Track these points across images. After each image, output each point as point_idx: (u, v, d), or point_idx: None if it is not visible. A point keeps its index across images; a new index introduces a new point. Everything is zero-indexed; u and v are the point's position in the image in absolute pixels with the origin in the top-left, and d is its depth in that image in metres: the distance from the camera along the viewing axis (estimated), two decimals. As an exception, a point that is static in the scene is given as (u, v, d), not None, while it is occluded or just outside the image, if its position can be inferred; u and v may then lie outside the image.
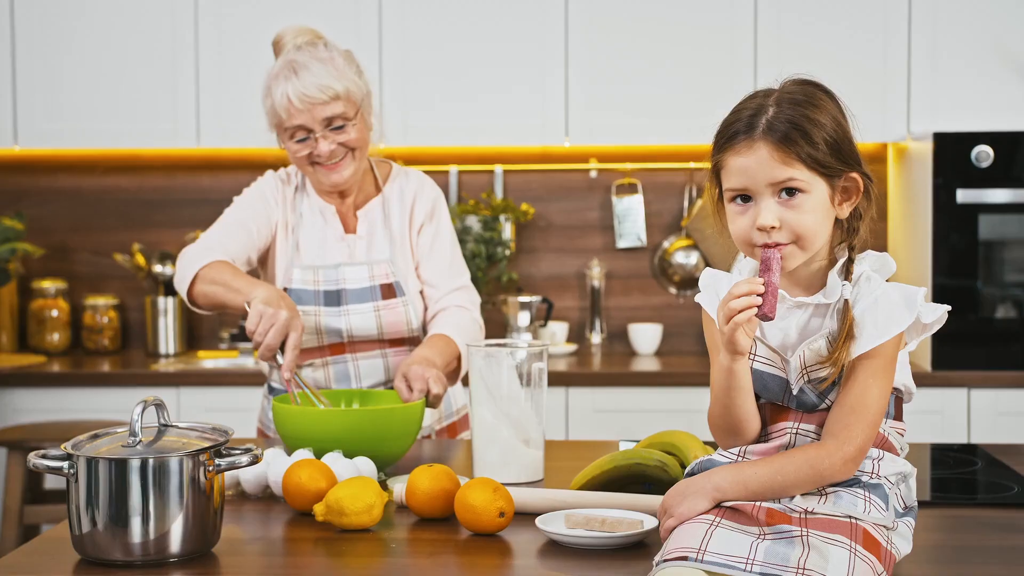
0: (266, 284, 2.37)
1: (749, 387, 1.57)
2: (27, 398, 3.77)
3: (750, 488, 1.51)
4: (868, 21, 3.85)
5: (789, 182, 1.51)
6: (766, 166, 1.51)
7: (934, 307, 1.55)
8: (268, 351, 2.24)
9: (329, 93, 2.36)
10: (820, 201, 1.52)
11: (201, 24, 3.95)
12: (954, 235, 3.65)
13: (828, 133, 1.52)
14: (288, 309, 2.26)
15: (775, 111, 1.52)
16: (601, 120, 3.92)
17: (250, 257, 2.48)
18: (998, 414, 3.63)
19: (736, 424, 1.59)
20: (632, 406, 3.70)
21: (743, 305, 1.48)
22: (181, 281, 2.42)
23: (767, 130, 1.51)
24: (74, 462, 1.58)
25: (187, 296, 2.41)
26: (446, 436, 2.59)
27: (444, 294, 2.53)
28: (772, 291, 1.48)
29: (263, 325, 2.23)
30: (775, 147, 1.51)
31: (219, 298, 2.36)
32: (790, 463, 1.51)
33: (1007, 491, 1.93)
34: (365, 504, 1.72)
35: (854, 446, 1.50)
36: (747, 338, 1.50)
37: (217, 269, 2.38)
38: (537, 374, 2.01)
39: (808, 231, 1.52)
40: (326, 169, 2.44)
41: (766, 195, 1.52)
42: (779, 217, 1.51)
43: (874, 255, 1.60)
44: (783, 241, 1.52)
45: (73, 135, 4.00)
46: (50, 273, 4.34)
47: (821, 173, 1.52)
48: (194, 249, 2.44)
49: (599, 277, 4.22)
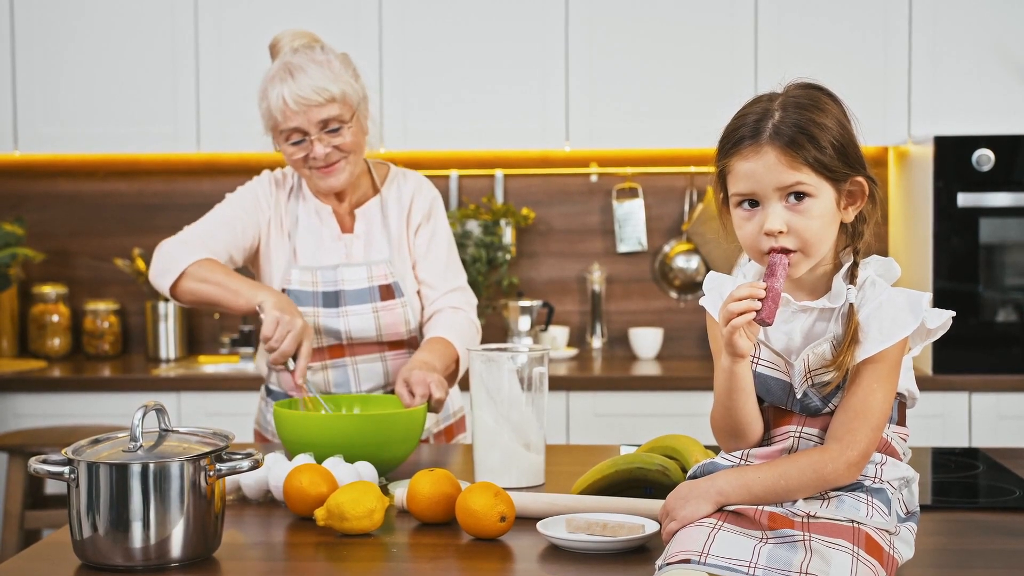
0: (268, 287, 2.37)
1: (750, 389, 1.56)
2: (28, 403, 3.77)
3: (753, 492, 1.50)
4: (869, 24, 3.85)
5: (797, 186, 1.51)
6: (773, 170, 1.51)
7: (939, 312, 1.54)
8: (282, 357, 2.26)
9: (325, 95, 2.36)
10: (827, 205, 1.52)
11: (201, 28, 3.95)
12: (955, 239, 3.65)
13: (834, 137, 1.52)
14: (299, 315, 2.28)
15: (781, 115, 1.52)
16: (601, 124, 3.92)
17: (232, 256, 2.48)
18: (999, 418, 3.63)
19: (737, 426, 1.59)
20: (633, 410, 3.70)
21: (742, 308, 1.48)
22: (163, 274, 2.41)
23: (774, 134, 1.51)
24: (75, 467, 1.57)
25: (169, 291, 2.41)
26: (443, 439, 2.59)
27: (440, 295, 2.53)
28: (773, 296, 1.48)
29: (280, 332, 2.25)
30: (782, 151, 1.50)
31: (210, 296, 2.37)
32: (794, 467, 1.51)
33: (1008, 495, 1.93)
34: (366, 509, 1.71)
35: (858, 450, 1.50)
36: (747, 341, 1.50)
37: (207, 267, 2.38)
38: (538, 378, 2.01)
39: (815, 236, 1.52)
40: (321, 172, 2.44)
41: (773, 199, 1.52)
42: (786, 222, 1.51)
43: (879, 259, 1.59)
44: (790, 246, 1.51)
45: (73, 140, 4.00)
46: (50, 278, 4.34)
47: (827, 177, 1.52)
48: (174, 244, 2.43)
49: (600, 281, 4.21)
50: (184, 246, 2.42)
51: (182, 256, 2.40)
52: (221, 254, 2.44)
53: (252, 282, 2.37)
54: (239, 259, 2.50)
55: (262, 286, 2.37)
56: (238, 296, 2.34)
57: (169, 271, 2.40)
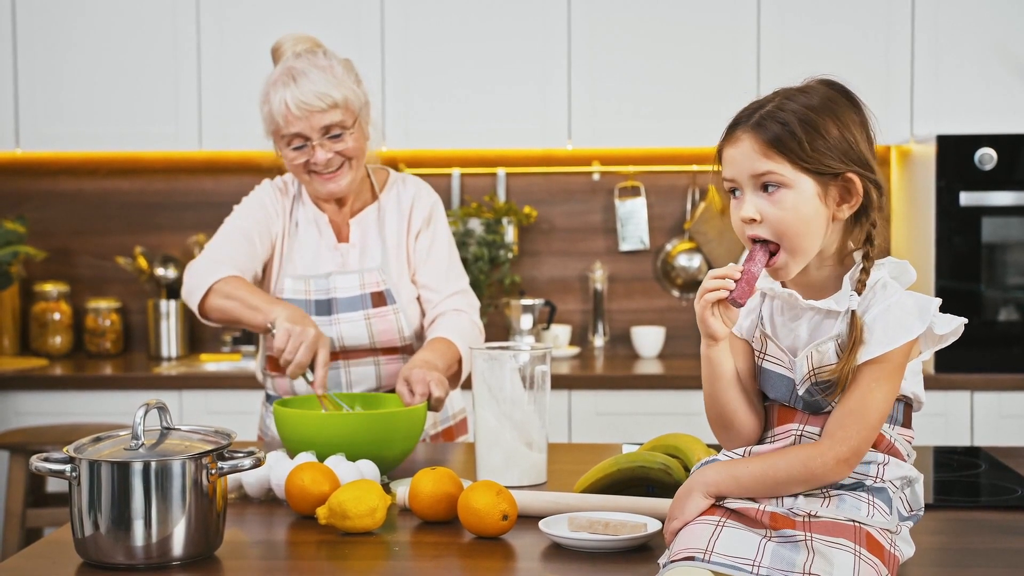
0: (284, 303, 2.36)
1: (731, 377, 1.58)
2: (29, 401, 3.77)
3: (741, 483, 1.51)
4: (871, 23, 3.85)
5: (768, 176, 1.51)
6: (748, 158, 1.52)
7: (950, 319, 1.53)
8: (299, 369, 2.25)
9: (327, 101, 2.36)
10: (804, 198, 1.51)
11: (203, 27, 3.95)
12: (957, 238, 3.64)
13: (816, 129, 1.50)
14: (313, 326, 2.27)
15: (771, 106, 1.52)
16: (603, 123, 3.92)
17: (256, 270, 2.47)
18: (1001, 417, 3.62)
19: (723, 416, 1.60)
20: (635, 409, 3.70)
21: (714, 286, 1.51)
22: (192, 293, 2.41)
23: (754, 123, 1.52)
24: (76, 465, 1.57)
25: (199, 310, 2.41)
26: (442, 440, 2.59)
27: (443, 298, 2.52)
28: (748, 279, 1.51)
29: (292, 344, 2.24)
30: (756, 140, 1.51)
31: (235, 314, 2.36)
32: (782, 459, 1.51)
33: (1010, 494, 1.93)
34: (368, 507, 1.71)
35: (848, 446, 1.49)
36: (721, 324, 1.53)
37: (232, 284, 2.37)
38: (540, 377, 2.01)
39: (788, 227, 1.51)
40: (323, 178, 2.43)
41: (749, 188, 1.53)
42: (759, 211, 1.51)
43: (893, 262, 1.58)
44: (763, 235, 1.52)
45: (75, 138, 4.00)
46: (52, 276, 4.34)
47: (806, 170, 1.51)
48: (202, 262, 2.43)
49: (602, 280, 4.21)
50: (211, 264, 2.41)
51: (208, 274, 2.39)
52: (247, 269, 2.44)
53: (271, 298, 2.36)
54: (260, 272, 2.50)
55: (278, 302, 2.35)
56: (257, 313, 2.33)
57: (197, 289, 2.39)
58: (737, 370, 1.60)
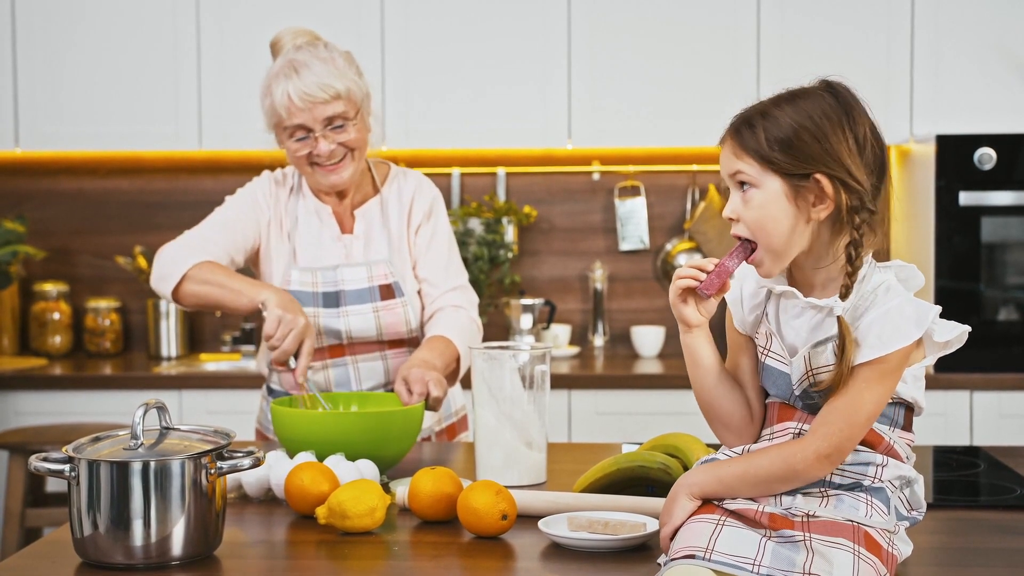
0: (271, 286, 2.37)
1: (710, 366, 1.61)
2: (28, 401, 3.77)
3: (724, 481, 1.52)
4: (871, 23, 3.85)
5: (738, 175, 1.54)
6: (727, 158, 1.55)
7: (952, 326, 1.53)
8: (284, 356, 2.26)
9: (330, 92, 2.36)
10: (771, 198, 1.52)
11: (203, 26, 3.95)
12: (957, 237, 3.64)
13: (783, 129, 1.50)
14: (302, 314, 2.28)
15: (753, 108, 1.55)
16: (603, 122, 3.92)
17: (233, 258, 2.48)
18: (1001, 416, 3.62)
19: (710, 407, 1.63)
20: (635, 409, 3.70)
21: (684, 274, 1.57)
22: (165, 279, 2.41)
23: (733, 125, 1.55)
24: (75, 465, 1.57)
25: (171, 294, 2.41)
26: (445, 437, 2.59)
27: (441, 293, 2.53)
28: (719, 271, 1.55)
29: (282, 330, 2.25)
30: (732, 140, 1.55)
31: (212, 298, 2.37)
32: (764, 457, 1.52)
33: (1009, 493, 1.93)
34: (367, 507, 1.71)
35: (829, 443, 1.49)
36: (694, 311, 1.58)
37: (208, 269, 2.38)
38: (540, 377, 2.01)
39: (757, 226, 1.53)
40: (325, 170, 2.44)
41: (732, 187, 1.56)
42: (735, 210, 1.55)
43: (901, 265, 1.57)
44: (742, 233, 1.55)
45: (74, 137, 4.00)
46: (52, 276, 4.34)
47: (772, 169, 1.51)
48: (175, 247, 2.44)
49: (602, 280, 4.21)
50: (184, 250, 2.42)
51: (182, 260, 2.40)
52: (221, 256, 2.44)
53: (254, 281, 2.37)
54: (240, 260, 2.50)
55: (265, 284, 2.36)
56: (240, 296, 2.33)
57: (170, 275, 2.40)
58: (720, 360, 1.62)
